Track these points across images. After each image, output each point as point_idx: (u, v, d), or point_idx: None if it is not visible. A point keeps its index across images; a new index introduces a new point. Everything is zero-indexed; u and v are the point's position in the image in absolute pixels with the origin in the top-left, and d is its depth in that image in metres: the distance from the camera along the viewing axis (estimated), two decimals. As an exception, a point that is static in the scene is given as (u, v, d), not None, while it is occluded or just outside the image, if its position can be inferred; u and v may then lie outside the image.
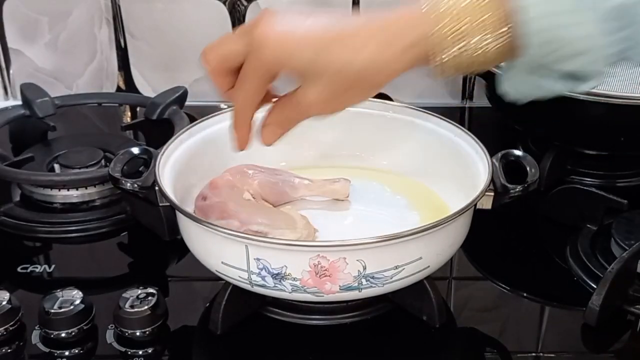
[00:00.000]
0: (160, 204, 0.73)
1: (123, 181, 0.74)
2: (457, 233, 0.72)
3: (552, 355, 0.74)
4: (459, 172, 0.80)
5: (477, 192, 0.70)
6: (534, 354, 0.74)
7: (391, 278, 0.67)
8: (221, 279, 0.73)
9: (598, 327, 0.73)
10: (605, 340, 0.74)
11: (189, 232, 0.72)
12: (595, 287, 0.75)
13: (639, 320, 0.76)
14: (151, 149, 0.79)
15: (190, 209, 0.75)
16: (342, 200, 0.82)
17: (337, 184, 0.82)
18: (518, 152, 0.78)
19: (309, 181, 0.82)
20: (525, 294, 0.81)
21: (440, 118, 0.84)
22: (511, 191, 0.73)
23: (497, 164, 0.75)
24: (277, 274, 0.66)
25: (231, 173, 0.80)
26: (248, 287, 0.68)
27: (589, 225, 0.86)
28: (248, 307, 0.74)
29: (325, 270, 0.65)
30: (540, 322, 0.78)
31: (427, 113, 0.85)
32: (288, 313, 0.74)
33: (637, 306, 0.76)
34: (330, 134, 0.87)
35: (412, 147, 0.86)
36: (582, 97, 0.87)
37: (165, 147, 0.78)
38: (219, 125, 0.84)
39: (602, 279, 0.74)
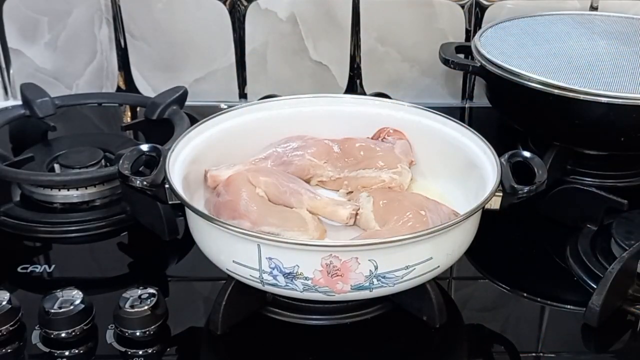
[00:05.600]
0: (170, 202, 0.73)
1: (132, 179, 0.74)
2: (466, 233, 0.72)
3: (552, 355, 0.73)
4: (465, 172, 0.80)
5: (487, 193, 0.71)
6: (534, 354, 0.73)
7: (402, 278, 0.67)
8: (222, 279, 0.73)
9: (598, 327, 0.73)
10: (605, 340, 0.74)
11: (200, 229, 0.72)
12: (595, 287, 0.75)
13: (639, 320, 0.76)
14: (160, 147, 0.79)
15: (198, 206, 0.75)
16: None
17: (342, 208, 0.77)
18: (526, 153, 0.78)
19: (315, 197, 0.79)
20: (525, 294, 0.81)
21: (448, 118, 0.84)
22: (519, 192, 0.73)
23: (505, 164, 0.75)
24: (289, 273, 0.66)
25: (249, 168, 0.80)
26: (259, 285, 0.69)
27: (589, 225, 0.86)
28: (248, 307, 0.74)
29: (337, 269, 0.65)
30: (540, 322, 0.78)
31: (435, 113, 0.85)
32: (288, 313, 0.74)
33: (637, 306, 0.76)
34: (339, 132, 0.87)
35: (418, 146, 0.86)
36: (582, 97, 0.87)
37: (174, 145, 0.78)
38: (227, 123, 0.85)
39: (602, 279, 0.74)
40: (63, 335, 0.70)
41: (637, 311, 0.76)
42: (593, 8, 1.14)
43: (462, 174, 0.81)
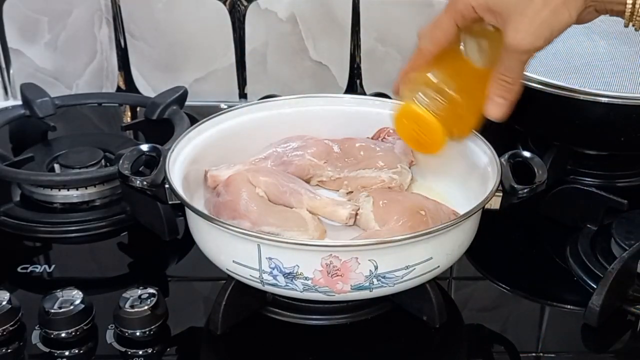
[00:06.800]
0: (170, 202, 0.74)
1: (132, 179, 0.74)
2: (466, 233, 0.72)
3: (552, 355, 0.74)
4: (465, 172, 0.80)
5: (487, 193, 0.71)
6: (534, 354, 0.74)
7: (402, 278, 0.67)
8: (222, 279, 0.73)
9: (598, 327, 0.73)
10: (605, 340, 0.74)
11: (200, 229, 0.72)
12: (595, 287, 0.75)
13: (639, 320, 0.76)
14: (160, 147, 0.79)
15: (198, 205, 0.75)
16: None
17: (342, 208, 0.77)
18: (526, 153, 0.78)
19: (315, 197, 0.79)
20: (525, 294, 0.81)
21: None
22: (519, 192, 0.73)
23: (505, 164, 0.75)
24: (289, 273, 0.66)
25: (248, 168, 0.80)
26: (259, 285, 0.69)
27: (589, 225, 0.86)
28: (248, 307, 0.74)
29: (337, 269, 0.65)
30: (540, 322, 0.78)
31: None
32: (288, 313, 0.74)
33: (637, 306, 0.76)
34: (339, 132, 0.87)
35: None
36: (582, 97, 0.87)
37: (174, 145, 0.78)
38: (227, 123, 0.85)
39: (602, 279, 0.74)
40: (63, 335, 0.70)
41: (637, 311, 0.76)
42: (593, 8, 1.14)
43: (462, 174, 0.81)
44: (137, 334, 0.70)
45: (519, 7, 0.60)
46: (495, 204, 0.73)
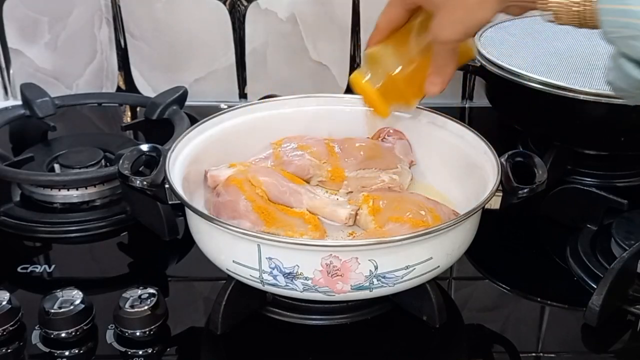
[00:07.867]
0: (170, 202, 0.74)
1: (132, 179, 0.74)
2: (466, 233, 0.72)
3: (552, 355, 0.74)
4: (465, 172, 0.80)
5: (487, 193, 0.71)
6: (534, 354, 0.73)
7: (402, 278, 0.67)
8: (222, 279, 0.73)
9: (598, 327, 0.73)
10: (605, 340, 0.74)
11: (200, 230, 0.72)
12: (595, 287, 0.75)
13: (639, 320, 0.76)
14: (160, 147, 0.79)
15: (198, 206, 0.75)
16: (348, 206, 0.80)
17: (341, 209, 0.78)
18: (526, 153, 0.78)
19: (315, 197, 0.80)
20: (525, 294, 0.81)
21: (448, 118, 0.84)
22: (519, 192, 0.73)
23: (505, 164, 0.75)
24: (289, 273, 0.66)
25: (248, 168, 0.80)
26: (259, 285, 0.69)
27: (589, 225, 0.86)
28: (248, 307, 0.74)
29: (337, 269, 0.65)
30: (540, 322, 0.78)
31: (435, 113, 0.85)
32: (288, 313, 0.74)
33: (637, 306, 0.76)
34: (339, 132, 0.87)
35: (418, 146, 0.86)
36: (582, 97, 0.87)
37: (174, 145, 0.78)
38: (227, 123, 0.85)
39: (602, 279, 0.74)
40: (63, 335, 0.70)
41: (637, 311, 0.76)
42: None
43: (462, 174, 0.81)
44: (137, 334, 0.70)
45: (442, 1, 0.67)
46: (495, 204, 0.73)
